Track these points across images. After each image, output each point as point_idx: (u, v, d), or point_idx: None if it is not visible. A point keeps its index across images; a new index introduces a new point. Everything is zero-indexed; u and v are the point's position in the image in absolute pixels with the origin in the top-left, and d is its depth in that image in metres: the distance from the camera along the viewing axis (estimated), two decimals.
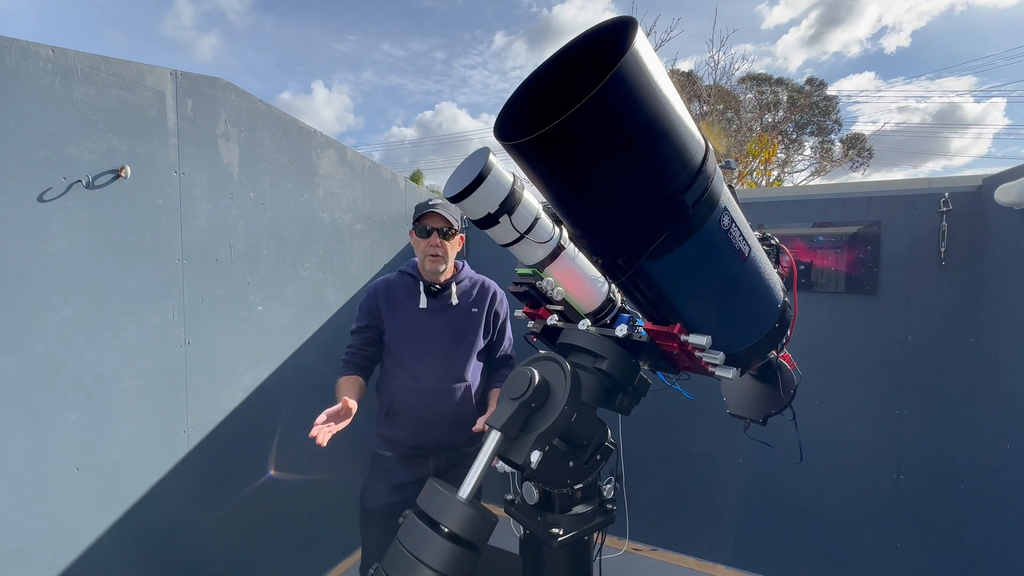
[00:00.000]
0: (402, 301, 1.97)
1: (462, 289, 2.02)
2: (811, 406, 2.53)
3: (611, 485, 1.32)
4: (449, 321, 1.97)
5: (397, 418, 1.96)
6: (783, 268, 1.27)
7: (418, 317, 1.95)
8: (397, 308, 1.97)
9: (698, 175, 0.91)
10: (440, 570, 0.95)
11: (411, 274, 2.01)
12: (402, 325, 1.95)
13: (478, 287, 2.06)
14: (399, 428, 1.96)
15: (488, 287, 2.08)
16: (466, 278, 2.06)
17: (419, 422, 1.94)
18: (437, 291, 1.98)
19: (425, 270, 1.96)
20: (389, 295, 1.98)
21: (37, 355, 1.63)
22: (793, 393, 1.40)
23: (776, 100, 19.46)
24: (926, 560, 2.43)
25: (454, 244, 1.97)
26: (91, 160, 1.72)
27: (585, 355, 1.20)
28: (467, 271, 2.08)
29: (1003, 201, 1.99)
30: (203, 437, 2.11)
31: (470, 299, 2.02)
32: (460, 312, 1.99)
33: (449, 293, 1.99)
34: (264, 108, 2.32)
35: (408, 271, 2.03)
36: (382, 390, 2.01)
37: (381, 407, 2.00)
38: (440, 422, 1.95)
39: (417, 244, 1.96)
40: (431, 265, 1.93)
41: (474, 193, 1.00)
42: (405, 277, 2.02)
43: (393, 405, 1.95)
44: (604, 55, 0.85)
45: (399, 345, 1.95)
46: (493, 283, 2.10)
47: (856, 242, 2.50)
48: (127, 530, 1.86)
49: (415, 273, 2.01)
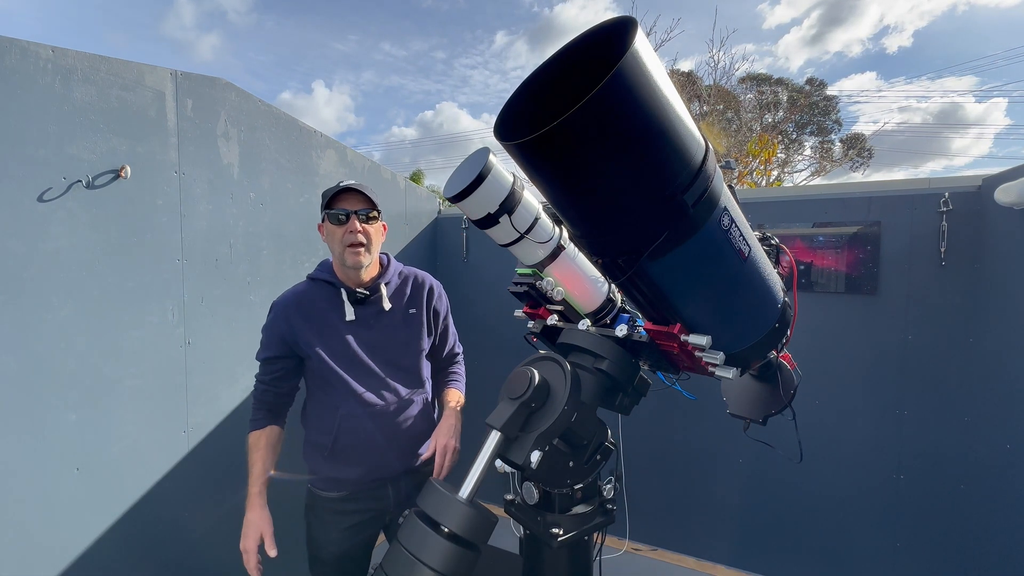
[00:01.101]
0: (323, 316, 1.61)
1: (393, 289, 1.69)
2: (811, 406, 2.52)
3: (611, 485, 1.32)
4: (386, 330, 1.65)
5: (346, 454, 1.61)
6: (783, 268, 1.27)
7: (349, 332, 1.61)
8: (319, 326, 1.60)
9: (698, 175, 0.91)
10: (440, 570, 0.95)
11: (327, 280, 1.64)
12: (332, 345, 1.60)
13: (411, 283, 1.73)
14: (351, 465, 1.62)
15: (423, 281, 1.76)
16: (394, 275, 1.71)
17: (375, 452, 1.62)
18: (364, 297, 1.63)
19: (345, 266, 1.59)
20: (305, 312, 1.61)
21: (37, 355, 1.63)
22: (793, 393, 1.40)
23: (776, 100, 19.46)
24: (926, 560, 2.43)
25: (377, 231, 1.62)
26: (91, 160, 1.72)
27: (585, 355, 1.21)
28: (395, 266, 1.73)
29: (1003, 201, 1.99)
30: (203, 437, 2.11)
31: (404, 299, 1.70)
32: (396, 317, 1.67)
33: (379, 296, 1.65)
34: (264, 108, 2.32)
35: (322, 277, 1.65)
36: (315, 425, 1.65)
37: (318, 445, 1.64)
38: (399, 447, 1.65)
39: (331, 235, 1.58)
40: (352, 258, 1.56)
41: (474, 193, 1.00)
42: (320, 285, 1.65)
43: (339, 441, 1.60)
44: (604, 55, 0.85)
45: (333, 369, 1.58)
46: (427, 276, 1.79)
47: (856, 242, 2.50)
48: (127, 530, 1.86)
49: (331, 279, 1.64)
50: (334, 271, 1.66)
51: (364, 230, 1.57)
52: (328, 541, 1.66)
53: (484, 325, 3.11)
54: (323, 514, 1.67)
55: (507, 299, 1.41)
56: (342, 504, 1.66)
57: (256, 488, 1.58)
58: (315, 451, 1.66)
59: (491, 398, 1.12)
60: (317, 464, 1.67)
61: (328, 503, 1.67)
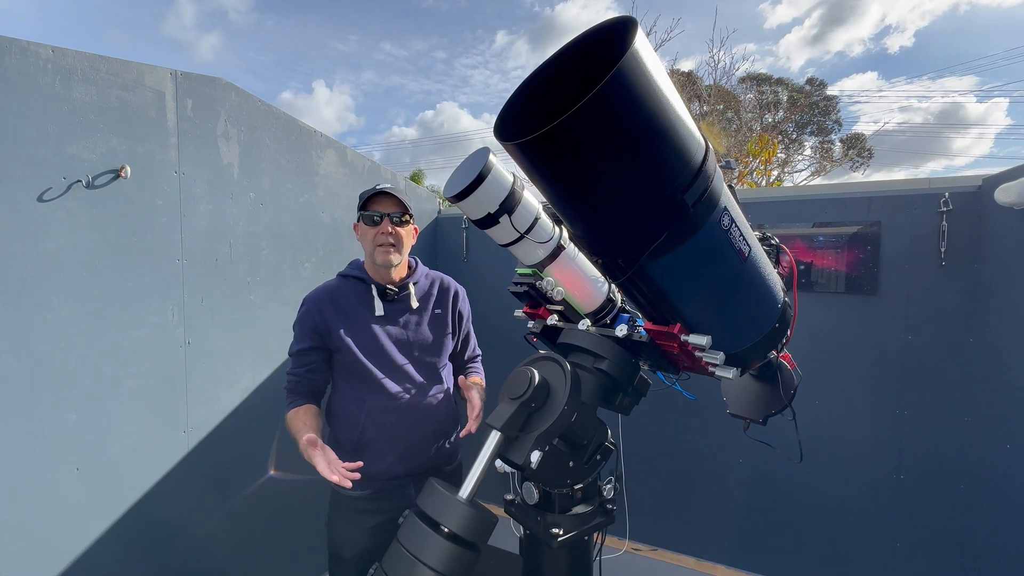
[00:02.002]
0: (354, 310, 1.67)
1: (420, 290, 1.77)
2: (811, 406, 2.52)
3: (611, 485, 1.32)
4: (413, 327, 1.72)
5: (372, 448, 1.65)
6: (783, 268, 1.27)
7: (378, 326, 1.67)
8: (350, 319, 1.66)
9: (698, 175, 0.91)
10: (440, 570, 0.95)
11: (358, 277, 1.71)
12: (361, 338, 1.65)
13: (437, 286, 1.81)
14: (375, 459, 1.64)
15: (448, 285, 1.83)
16: (422, 277, 1.79)
17: (401, 446, 1.67)
18: (394, 294, 1.70)
19: (376, 264, 1.67)
20: (337, 305, 1.67)
21: (37, 355, 1.63)
22: (793, 393, 1.40)
23: (776, 100, 19.46)
24: (926, 560, 2.43)
25: (408, 233, 1.70)
26: (91, 160, 1.72)
27: (585, 355, 1.21)
28: (422, 269, 1.82)
29: (1003, 201, 1.99)
30: (203, 437, 2.11)
31: (431, 300, 1.77)
32: (423, 316, 1.74)
33: (407, 295, 1.72)
34: (264, 108, 2.32)
35: (353, 274, 1.73)
36: (342, 419, 1.69)
37: (343, 440, 1.68)
38: (424, 442, 1.70)
39: (365, 235, 1.67)
40: (382, 256, 1.64)
41: (474, 193, 1.00)
42: (351, 282, 1.72)
43: (366, 434, 1.65)
44: (604, 55, 0.85)
45: (362, 362, 1.63)
46: (452, 280, 1.86)
47: (856, 242, 2.50)
48: (127, 530, 1.86)
49: (363, 275, 1.71)
50: (365, 269, 1.73)
51: (395, 231, 1.64)
52: (351, 540, 1.66)
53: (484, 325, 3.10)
54: (347, 513, 1.68)
55: (507, 299, 1.41)
56: (366, 503, 1.67)
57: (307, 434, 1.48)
58: (341, 447, 1.66)
59: (491, 398, 1.12)
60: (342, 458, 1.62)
61: (351, 502, 1.67)
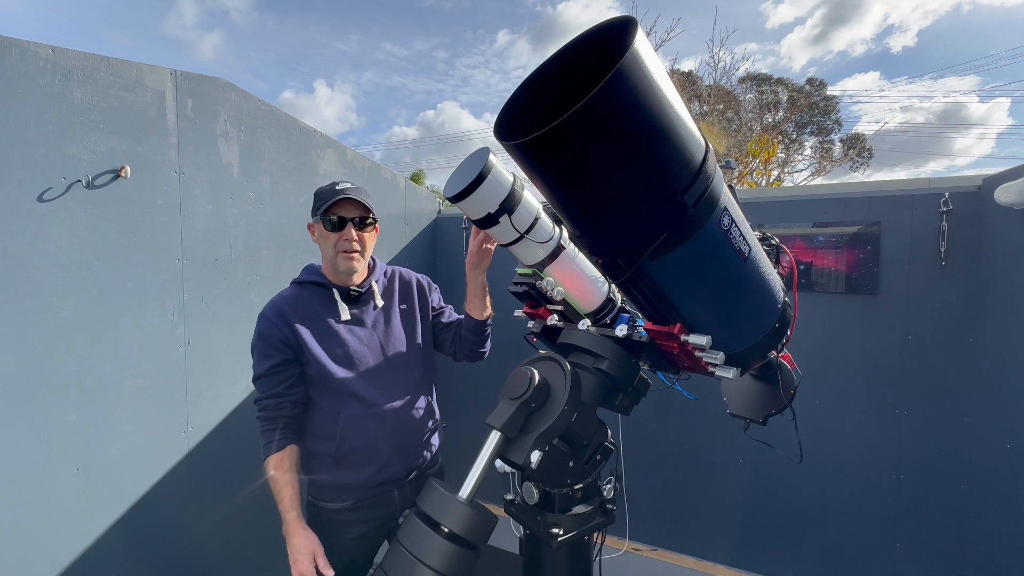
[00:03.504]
0: (319, 317, 1.58)
1: (381, 288, 1.70)
2: (811, 406, 2.52)
3: (611, 485, 1.32)
4: (382, 327, 1.66)
5: (351, 459, 1.57)
6: (783, 268, 1.27)
7: (345, 331, 1.60)
8: (316, 327, 1.57)
9: (698, 175, 0.91)
10: (440, 570, 0.95)
11: (317, 282, 1.62)
12: (331, 345, 1.57)
13: (398, 281, 1.75)
14: (356, 470, 1.58)
15: (409, 278, 1.77)
16: (381, 275, 1.72)
17: (380, 454, 1.59)
18: (357, 295, 1.63)
19: (337, 271, 1.59)
20: (300, 313, 1.57)
21: (37, 355, 1.63)
22: (793, 393, 1.40)
23: (776, 100, 19.46)
24: (926, 560, 2.43)
25: (371, 237, 1.62)
26: (91, 160, 1.72)
27: (585, 355, 1.21)
28: (380, 266, 1.74)
29: (1003, 201, 1.99)
30: (203, 437, 2.11)
31: (393, 296, 1.71)
32: (389, 314, 1.68)
33: (371, 293, 1.66)
34: (264, 108, 2.32)
35: (311, 279, 1.63)
36: (319, 433, 1.59)
37: (321, 454, 1.59)
38: (406, 446, 1.64)
39: (324, 239, 1.57)
40: (345, 264, 1.56)
41: (474, 193, 1.00)
42: (311, 288, 1.63)
43: (344, 445, 1.56)
44: (604, 55, 0.85)
45: (334, 371, 1.55)
46: (410, 271, 1.80)
47: (856, 242, 2.50)
48: (127, 530, 1.86)
49: (322, 280, 1.62)
50: (322, 273, 1.64)
51: (359, 236, 1.57)
52: (335, 553, 1.54)
53: None
54: (328, 526, 1.59)
55: (507, 299, 1.41)
56: (347, 515, 1.61)
57: (294, 513, 1.47)
58: (318, 461, 1.59)
59: (491, 398, 1.12)
60: (321, 474, 1.60)
61: (332, 515, 1.61)
